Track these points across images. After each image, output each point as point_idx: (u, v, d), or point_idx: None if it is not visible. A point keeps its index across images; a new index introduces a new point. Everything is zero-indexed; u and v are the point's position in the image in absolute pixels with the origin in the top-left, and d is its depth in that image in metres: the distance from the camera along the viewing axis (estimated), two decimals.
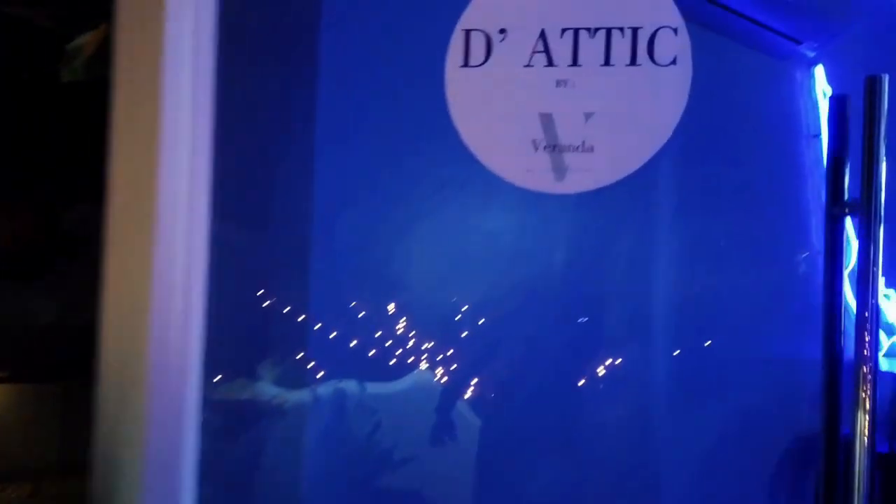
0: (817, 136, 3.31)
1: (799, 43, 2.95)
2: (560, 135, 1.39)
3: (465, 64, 1.44)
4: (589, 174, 1.38)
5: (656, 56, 1.38)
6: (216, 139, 1.47)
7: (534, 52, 1.41)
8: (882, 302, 3.57)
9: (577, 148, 1.39)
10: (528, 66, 1.41)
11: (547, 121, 1.40)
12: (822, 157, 3.29)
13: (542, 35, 1.41)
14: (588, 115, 1.39)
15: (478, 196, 1.96)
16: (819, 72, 3.25)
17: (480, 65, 1.42)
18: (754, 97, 2.98)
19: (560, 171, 1.39)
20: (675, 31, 1.37)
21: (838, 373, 1.32)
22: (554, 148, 1.39)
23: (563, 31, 1.41)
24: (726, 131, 2.70)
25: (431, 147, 1.76)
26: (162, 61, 1.34)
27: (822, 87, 3.27)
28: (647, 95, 1.38)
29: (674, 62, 1.37)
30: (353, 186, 1.96)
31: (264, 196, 1.86)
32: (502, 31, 1.42)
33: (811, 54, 3.10)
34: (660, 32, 1.38)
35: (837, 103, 1.32)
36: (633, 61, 1.38)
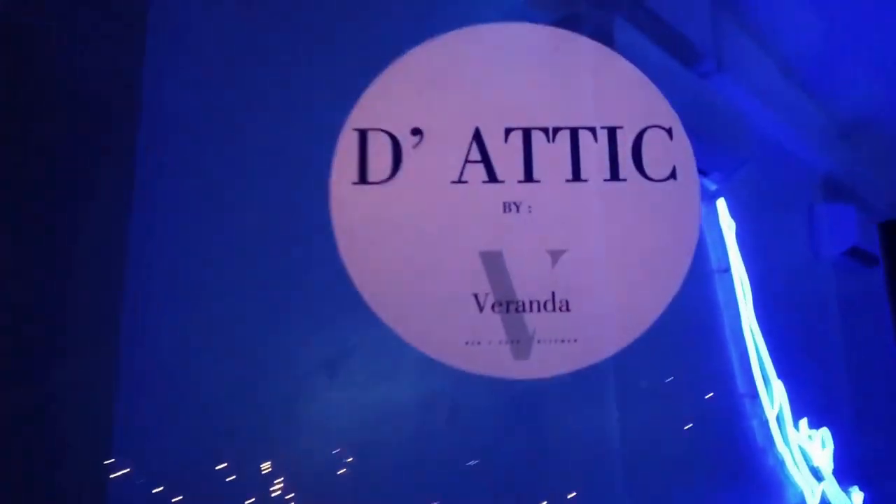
0: (727, 270, 3.17)
1: (704, 175, 2.80)
2: (516, 285, 0.88)
3: (362, 180, 0.92)
4: (568, 347, 0.86)
5: (647, 167, 0.93)
6: None
7: (466, 162, 0.92)
8: (805, 443, 3.32)
9: (545, 305, 0.88)
10: (458, 181, 0.92)
11: (494, 264, 0.89)
12: (734, 291, 3.14)
13: (477, 137, 0.93)
14: (556, 255, 0.90)
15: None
16: (721, 205, 3.13)
17: (385, 181, 0.91)
18: None
19: (522, 342, 0.87)
20: (670, 132, 0.95)
21: None
22: (508, 306, 0.88)
23: (509, 131, 0.94)
24: None
25: (313, 297, 1.21)
26: None
27: (725, 220, 3.15)
28: (640, 223, 0.92)
29: (672, 176, 0.93)
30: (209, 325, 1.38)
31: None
32: (416, 131, 0.93)
33: (713, 187, 2.99)
34: (648, 134, 0.94)
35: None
36: (615, 175, 0.92)
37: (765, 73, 3.36)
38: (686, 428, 2.73)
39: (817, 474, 3.31)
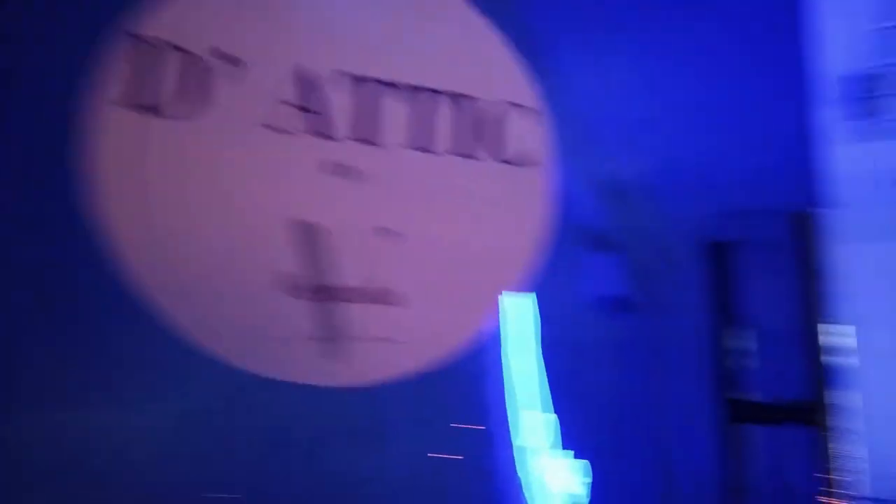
0: None
1: None
2: (335, 268, 0.68)
3: (136, 105, 0.67)
4: (390, 350, 0.68)
5: (506, 148, 0.79)
6: None
7: (286, 104, 0.71)
8: (560, 474, 3.47)
9: (368, 296, 0.69)
10: (272, 128, 0.70)
11: (310, 238, 0.68)
12: (499, 325, 3.21)
13: (304, 76, 0.73)
14: (384, 234, 0.72)
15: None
16: None
17: (168, 112, 0.67)
18: None
19: (335, 340, 0.67)
20: (533, 115, 0.82)
21: None
22: (322, 293, 0.67)
23: (350, 78, 0.74)
24: None
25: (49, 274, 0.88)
26: None
27: None
28: (489, 210, 0.77)
29: (530, 163, 0.80)
30: None
31: None
32: (222, 55, 0.70)
33: None
34: (512, 113, 0.80)
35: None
36: (469, 152, 0.77)
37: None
38: (435, 456, 2.67)
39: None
